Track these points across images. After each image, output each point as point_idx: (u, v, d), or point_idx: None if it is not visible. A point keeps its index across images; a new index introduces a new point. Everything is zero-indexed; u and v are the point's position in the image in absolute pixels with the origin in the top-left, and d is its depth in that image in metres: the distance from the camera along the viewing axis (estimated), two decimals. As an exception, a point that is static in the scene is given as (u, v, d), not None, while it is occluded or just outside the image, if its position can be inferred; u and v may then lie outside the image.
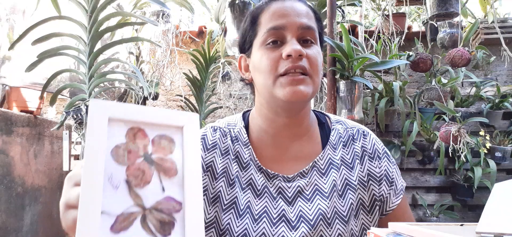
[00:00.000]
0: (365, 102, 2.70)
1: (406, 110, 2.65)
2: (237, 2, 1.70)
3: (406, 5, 2.19)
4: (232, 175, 0.77)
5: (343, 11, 2.11)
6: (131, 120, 0.49)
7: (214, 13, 2.16)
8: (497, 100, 2.85)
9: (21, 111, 1.92)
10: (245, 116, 0.85)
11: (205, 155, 0.79)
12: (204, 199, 0.78)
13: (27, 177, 1.83)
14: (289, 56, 0.69)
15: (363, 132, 0.82)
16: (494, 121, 2.88)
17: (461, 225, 0.52)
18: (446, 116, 2.52)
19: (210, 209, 0.77)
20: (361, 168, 0.78)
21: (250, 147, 0.79)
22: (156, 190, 0.47)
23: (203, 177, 0.78)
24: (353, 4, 2.15)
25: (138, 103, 2.47)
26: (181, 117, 0.51)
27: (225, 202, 0.76)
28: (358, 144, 0.80)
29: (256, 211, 0.74)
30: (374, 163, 0.79)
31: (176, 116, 0.51)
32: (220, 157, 0.79)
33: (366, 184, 0.77)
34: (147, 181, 0.47)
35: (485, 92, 2.94)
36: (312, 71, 0.71)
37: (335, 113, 1.75)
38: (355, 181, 0.76)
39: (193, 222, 0.46)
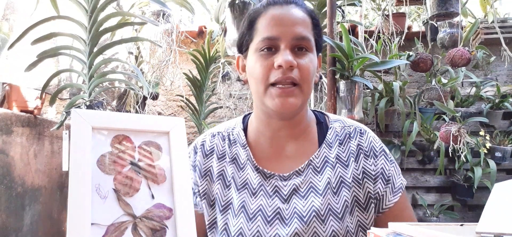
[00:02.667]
0: (365, 102, 2.70)
1: (406, 110, 2.65)
2: (237, 2, 1.69)
3: (406, 5, 2.19)
4: (228, 177, 0.79)
5: (343, 11, 2.11)
6: (115, 128, 0.48)
7: (214, 13, 2.16)
8: (497, 100, 2.85)
9: (21, 111, 1.92)
10: (245, 120, 0.87)
11: (204, 161, 0.82)
12: (204, 203, 0.80)
13: (27, 177, 1.82)
14: (280, 66, 0.70)
15: (361, 130, 0.82)
16: (494, 121, 2.88)
17: (461, 225, 0.51)
18: (446, 116, 2.51)
19: (210, 211, 0.80)
20: (356, 166, 0.78)
21: (248, 148, 0.81)
22: (146, 198, 0.46)
23: (201, 182, 0.81)
24: (353, 4, 2.14)
25: (138, 103, 2.47)
26: (166, 122, 0.50)
27: (222, 204, 0.78)
28: (354, 142, 0.80)
29: (251, 210, 0.75)
30: (370, 161, 0.79)
31: (161, 122, 0.50)
32: (216, 162, 0.81)
33: (360, 182, 0.78)
34: (136, 189, 0.46)
35: (485, 92, 2.94)
36: (303, 80, 0.72)
37: (335, 113, 1.75)
38: (349, 179, 0.77)
39: (185, 228, 0.46)
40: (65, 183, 2.22)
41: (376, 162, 0.79)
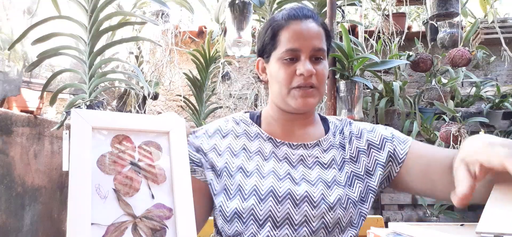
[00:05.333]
0: (365, 102, 2.70)
1: (406, 110, 2.65)
2: (237, 2, 1.69)
3: (406, 5, 2.19)
4: (238, 147, 0.92)
5: (343, 11, 2.11)
6: (115, 128, 0.48)
7: (214, 13, 2.16)
8: (497, 100, 2.85)
9: (21, 111, 1.92)
10: (254, 114, 1.01)
11: (208, 141, 0.94)
12: (212, 175, 0.89)
13: (27, 177, 1.82)
14: (302, 74, 0.86)
15: (349, 121, 1.01)
16: (494, 121, 2.87)
17: (461, 225, 0.52)
18: (446, 116, 2.51)
19: (218, 180, 0.89)
20: (350, 147, 0.95)
21: (256, 125, 0.95)
22: (146, 198, 0.47)
23: (207, 156, 0.90)
24: (353, 4, 2.14)
25: (138, 103, 2.47)
26: (167, 122, 0.51)
27: (233, 169, 0.89)
28: (347, 130, 0.99)
29: (264, 170, 0.88)
30: (362, 140, 0.95)
31: (161, 121, 0.50)
32: (221, 139, 0.94)
33: (356, 159, 0.94)
34: (136, 189, 0.46)
35: (485, 92, 2.94)
36: (319, 84, 0.89)
37: (335, 113, 1.76)
38: (347, 157, 0.94)
39: (185, 228, 0.46)
40: (65, 183, 2.22)
41: (373, 134, 0.94)
